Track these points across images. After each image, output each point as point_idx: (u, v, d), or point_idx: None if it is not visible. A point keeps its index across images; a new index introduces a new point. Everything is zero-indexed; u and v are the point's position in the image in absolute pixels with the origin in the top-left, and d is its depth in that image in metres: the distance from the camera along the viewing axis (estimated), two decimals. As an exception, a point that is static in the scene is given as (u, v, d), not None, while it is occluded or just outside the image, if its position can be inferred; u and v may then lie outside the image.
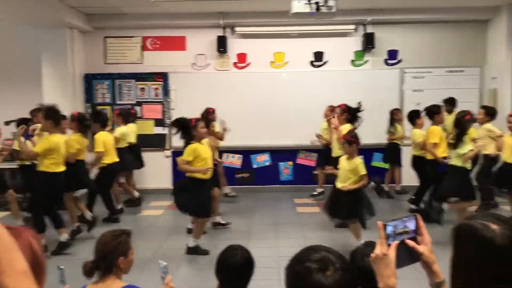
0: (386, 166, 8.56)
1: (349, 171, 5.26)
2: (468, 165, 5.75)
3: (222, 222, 6.59)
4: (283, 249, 5.58)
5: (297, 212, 7.46)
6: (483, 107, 7.43)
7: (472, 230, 1.20)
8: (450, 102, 7.79)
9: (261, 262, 3.90)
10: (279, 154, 9.07)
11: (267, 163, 9.13)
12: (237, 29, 8.87)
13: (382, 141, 8.25)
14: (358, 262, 2.01)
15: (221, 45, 8.82)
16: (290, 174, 9.13)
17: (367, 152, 8.67)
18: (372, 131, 7.92)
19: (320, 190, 8.17)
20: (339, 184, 5.35)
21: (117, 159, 6.91)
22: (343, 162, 5.38)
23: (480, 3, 8.22)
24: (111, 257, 2.46)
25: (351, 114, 6.32)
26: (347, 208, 5.25)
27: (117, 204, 7.43)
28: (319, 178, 8.30)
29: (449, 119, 7.09)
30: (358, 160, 5.28)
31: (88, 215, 6.33)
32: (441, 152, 6.41)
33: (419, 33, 8.89)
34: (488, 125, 6.97)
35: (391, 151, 8.22)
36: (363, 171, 5.22)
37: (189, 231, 6.06)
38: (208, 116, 7.36)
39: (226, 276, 2.43)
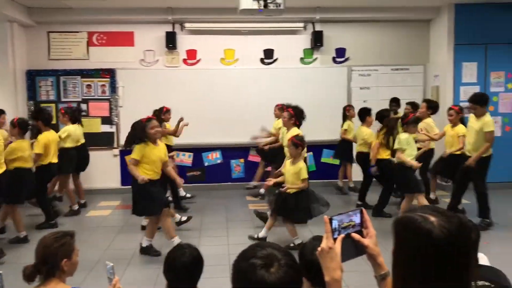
0: (336, 162, 8.65)
1: (292, 175, 5.41)
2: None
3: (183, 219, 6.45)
4: (234, 246, 5.58)
5: (249, 209, 7.47)
6: (425, 100, 7.66)
7: (411, 223, 1.22)
8: (395, 102, 8.04)
9: (212, 259, 3.87)
10: (231, 151, 9.04)
11: (219, 161, 9.09)
12: (187, 25, 8.75)
13: (331, 137, 8.36)
14: (307, 256, 2.03)
15: (170, 41, 8.68)
16: (241, 172, 9.12)
17: (316, 149, 8.83)
18: (322, 128, 8.04)
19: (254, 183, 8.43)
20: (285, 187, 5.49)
21: (55, 160, 6.58)
22: (288, 166, 5.51)
23: (422, 3, 8.51)
24: (53, 260, 2.37)
25: (298, 118, 6.30)
26: (296, 210, 5.39)
27: (80, 200, 7.62)
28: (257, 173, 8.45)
29: None
30: (301, 164, 5.42)
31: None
32: (385, 154, 6.67)
33: (366, 31, 9.09)
34: (429, 120, 7.16)
35: (343, 148, 8.16)
36: (305, 175, 5.37)
37: (143, 228, 5.95)
38: (162, 115, 7.23)
39: (175, 275, 2.38)
